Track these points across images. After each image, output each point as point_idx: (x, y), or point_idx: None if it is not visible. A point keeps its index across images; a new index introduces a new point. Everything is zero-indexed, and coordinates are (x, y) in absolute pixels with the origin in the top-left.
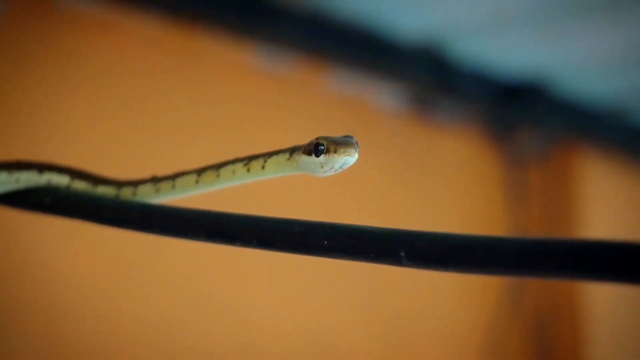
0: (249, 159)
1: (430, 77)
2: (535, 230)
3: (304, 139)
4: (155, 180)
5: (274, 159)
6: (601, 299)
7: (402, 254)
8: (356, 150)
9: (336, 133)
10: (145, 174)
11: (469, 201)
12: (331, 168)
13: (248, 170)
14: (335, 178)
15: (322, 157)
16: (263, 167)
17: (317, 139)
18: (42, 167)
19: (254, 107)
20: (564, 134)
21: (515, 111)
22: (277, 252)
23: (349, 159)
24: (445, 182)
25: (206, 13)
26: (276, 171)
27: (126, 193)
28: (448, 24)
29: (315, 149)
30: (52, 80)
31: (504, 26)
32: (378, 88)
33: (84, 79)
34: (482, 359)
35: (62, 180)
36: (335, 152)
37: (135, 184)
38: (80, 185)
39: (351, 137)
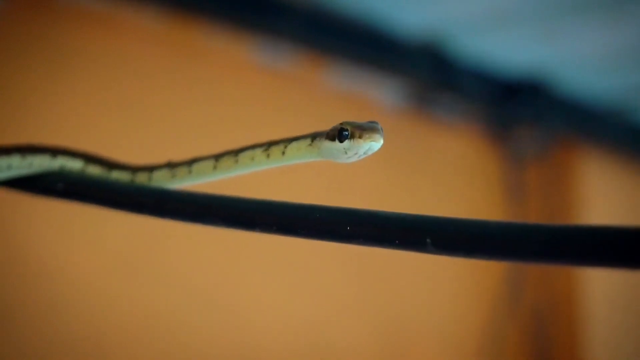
0: (268, 145)
1: (430, 74)
2: None
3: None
4: (171, 165)
5: (294, 144)
6: (599, 297)
7: (429, 240)
8: (381, 135)
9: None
10: None
11: (467, 198)
12: (355, 154)
13: (268, 156)
14: (334, 175)
15: (346, 142)
16: (283, 153)
17: (341, 124)
18: (55, 151)
19: (253, 103)
20: (563, 132)
21: (515, 109)
22: (276, 249)
23: (374, 144)
24: (444, 178)
25: (206, 9)
26: (297, 157)
27: (141, 178)
28: (448, 21)
29: (340, 134)
30: (50, 76)
31: (504, 24)
32: (378, 84)
33: (82, 75)
34: (480, 358)
35: (75, 164)
36: (360, 137)
37: (150, 169)
38: (94, 170)
39: (376, 123)
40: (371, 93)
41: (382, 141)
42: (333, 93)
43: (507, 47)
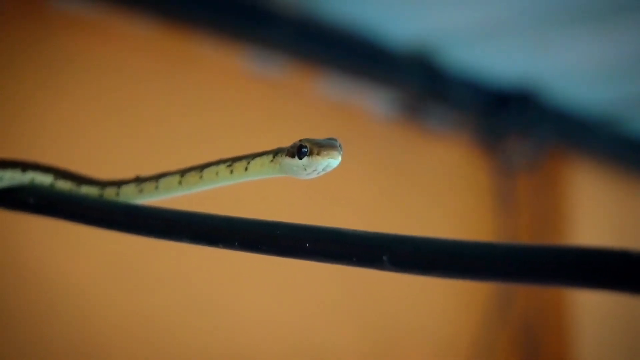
0: (232, 161)
1: (421, 83)
2: (524, 238)
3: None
4: (138, 180)
5: (257, 160)
6: (588, 305)
7: (385, 258)
8: (339, 152)
9: (325, 138)
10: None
11: (457, 209)
12: (314, 170)
13: (231, 172)
14: (324, 184)
15: (305, 159)
16: (246, 169)
17: (300, 141)
18: (25, 166)
19: (245, 111)
20: (553, 143)
21: (506, 119)
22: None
23: (331, 161)
24: (435, 189)
25: (198, 17)
26: (259, 173)
27: (109, 193)
28: (439, 31)
29: (299, 151)
30: (43, 82)
31: (495, 34)
32: (369, 94)
33: (75, 83)
34: None
35: (45, 179)
36: (318, 154)
37: (118, 184)
38: (64, 185)
39: (335, 140)
40: (362, 103)
41: (339, 158)
42: (324, 102)
43: (497, 57)
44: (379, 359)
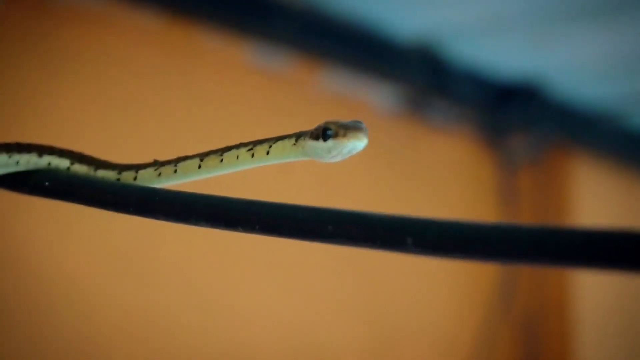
0: (253, 144)
1: (424, 78)
2: None
3: None
4: (157, 164)
5: (279, 144)
6: (590, 301)
7: (409, 240)
8: (365, 134)
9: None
10: None
11: (460, 203)
12: (339, 153)
13: (252, 155)
14: (327, 178)
15: (330, 141)
16: (268, 153)
17: (325, 123)
18: (42, 150)
19: (248, 105)
20: (556, 138)
21: (509, 114)
22: (269, 249)
23: (358, 143)
24: (437, 183)
25: (202, 10)
26: (281, 156)
27: (127, 177)
28: (443, 26)
29: (324, 133)
30: (48, 77)
31: (499, 29)
32: (372, 88)
33: (80, 76)
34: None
35: (62, 163)
36: (344, 136)
37: (136, 168)
38: (80, 169)
39: (360, 122)
40: (366, 97)
41: (366, 140)
42: (327, 96)
43: (501, 52)
44: (381, 357)
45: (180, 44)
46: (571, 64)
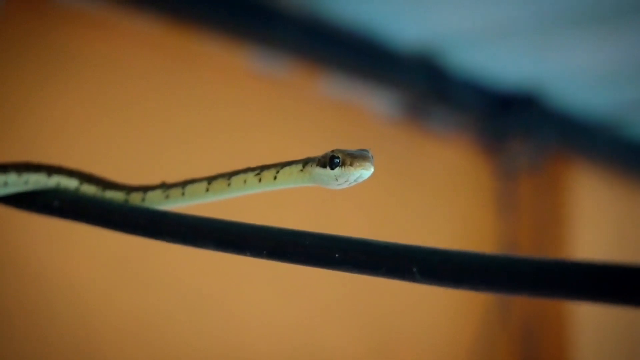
0: (260, 169)
1: (424, 85)
2: (525, 240)
3: (297, 143)
4: (164, 186)
5: (286, 169)
6: (588, 310)
7: (415, 269)
8: (372, 164)
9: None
10: (139, 174)
11: (459, 210)
12: (346, 181)
13: (260, 180)
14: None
15: (337, 169)
16: (275, 178)
17: (332, 151)
18: (51, 170)
19: (249, 109)
20: (555, 145)
21: (508, 121)
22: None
23: (364, 172)
24: (437, 190)
25: (202, 15)
26: (288, 182)
27: (135, 198)
28: (443, 33)
29: (331, 161)
30: (45, 78)
31: (499, 37)
32: (372, 94)
33: (79, 78)
34: None
35: (70, 183)
36: (351, 165)
37: (144, 189)
38: (89, 189)
39: (367, 151)
40: (365, 103)
41: (372, 169)
42: (328, 102)
43: (501, 60)
44: None
45: (180, 48)
46: (570, 72)
